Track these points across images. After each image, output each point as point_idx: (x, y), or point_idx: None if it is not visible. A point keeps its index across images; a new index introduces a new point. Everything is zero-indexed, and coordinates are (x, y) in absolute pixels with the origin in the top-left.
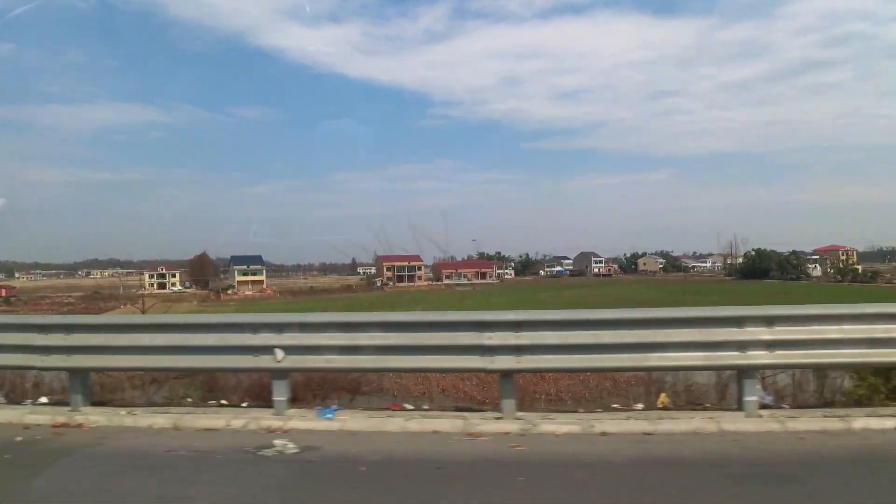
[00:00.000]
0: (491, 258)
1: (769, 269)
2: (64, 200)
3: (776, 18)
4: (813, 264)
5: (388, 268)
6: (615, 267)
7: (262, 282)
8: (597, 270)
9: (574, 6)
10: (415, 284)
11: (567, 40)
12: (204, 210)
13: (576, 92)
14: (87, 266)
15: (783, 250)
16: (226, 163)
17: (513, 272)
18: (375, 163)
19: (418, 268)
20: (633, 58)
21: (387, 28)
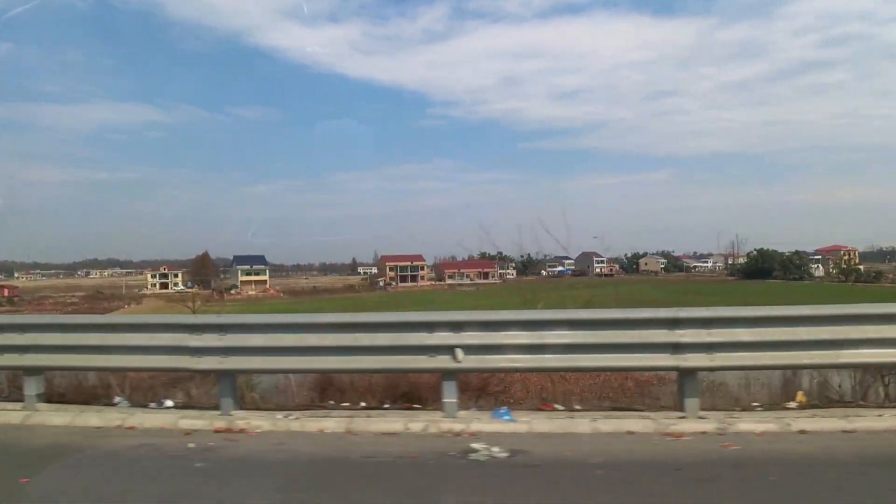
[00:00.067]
0: (492, 258)
1: (772, 270)
2: (63, 200)
3: (775, 18)
4: (815, 264)
5: (391, 267)
6: (616, 267)
7: (266, 281)
8: (598, 270)
9: (573, 6)
10: (418, 284)
11: (566, 40)
12: (203, 210)
13: (575, 92)
14: (87, 266)
15: (783, 250)
16: (225, 163)
17: (514, 272)
18: (375, 163)
19: (421, 267)
20: (633, 58)
21: (386, 28)
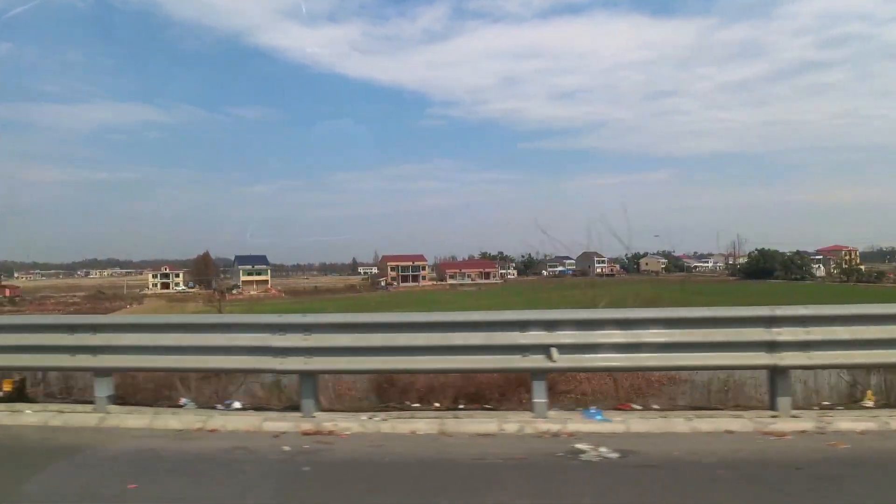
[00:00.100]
0: (493, 258)
1: (773, 269)
2: (63, 200)
3: (775, 19)
4: (816, 264)
5: (393, 267)
6: (617, 267)
7: (267, 281)
8: (599, 270)
9: (573, 6)
10: (419, 284)
11: (566, 40)
12: (203, 210)
13: (575, 92)
14: (86, 266)
15: (783, 250)
16: (225, 163)
17: (515, 272)
18: (375, 163)
19: (422, 268)
20: (633, 58)
21: (386, 28)
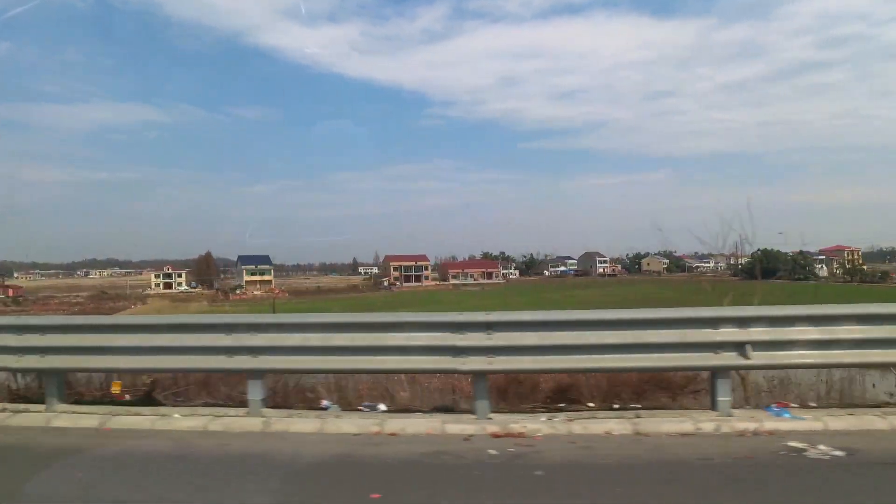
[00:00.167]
0: (495, 258)
1: (776, 270)
2: (62, 200)
3: (774, 19)
4: (819, 264)
5: (396, 267)
6: (618, 267)
7: (270, 281)
8: (601, 270)
9: (572, 6)
10: (422, 284)
11: (566, 40)
12: (203, 210)
13: (575, 92)
14: (86, 266)
15: (785, 250)
16: (225, 163)
17: (517, 272)
18: (374, 163)
19: (425, 268)
20: (632, 58)
21: (385, 28)
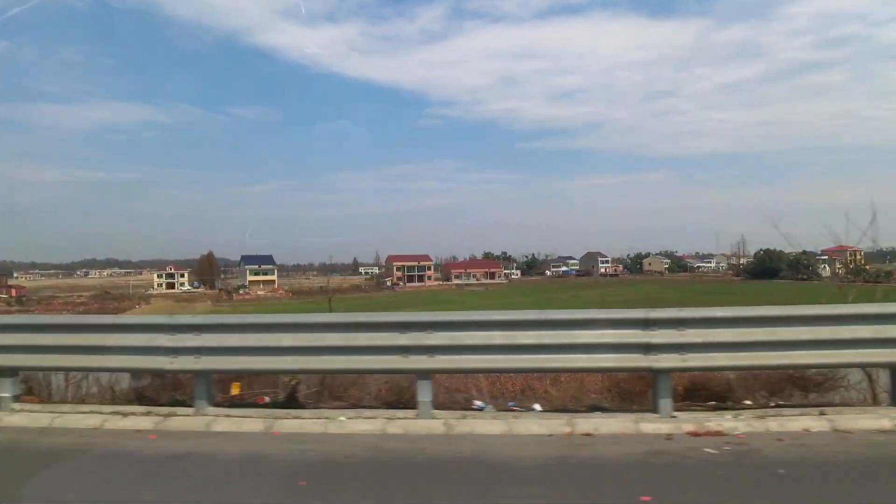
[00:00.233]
0: (497, 258)
1: (779, 270)
2: (61, 200)
3: (772, 20)
4: (822, 265)
5: (398, 267)
6: (620, 267)
7: (274, 281)
8: (603, 270)
9: (571, 6)
10: (425, 284)
11: (565, 40)
12: (202, 210)
13: (573, 92)
14: (85, 266)
15: (785, 250)
16: (224, 163)
17: (518, 272)
18: (374, 163)
19: (427, 268)
20: (631, 58)
21: (384, 28)
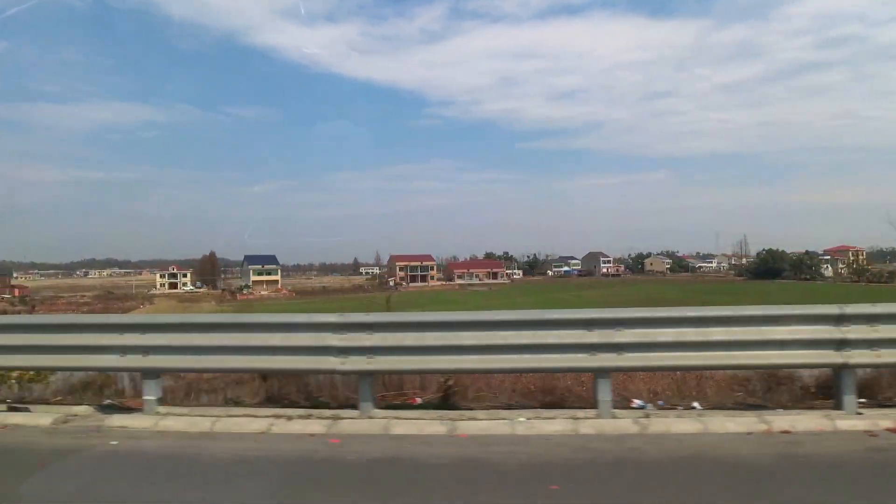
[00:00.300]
0: (499, 258)
1: (781, 270)
2: (61, 200)
3: (772, 20)
4: (824, 265)
5: (401, 267)
6: (622, 267)
7: (277, 281)
8: (605, 270)
9: (571, 7)
10: (428, 284)
11: (564, 41)
12: (202, 210)
13: (573, 92)
14: (85, 266)
15: (787, 250)
16: (223, 163)
17: (520, 272)
18: (373, 163)
19: (430, 268)
20: (630, 58)
21: (384, 28)
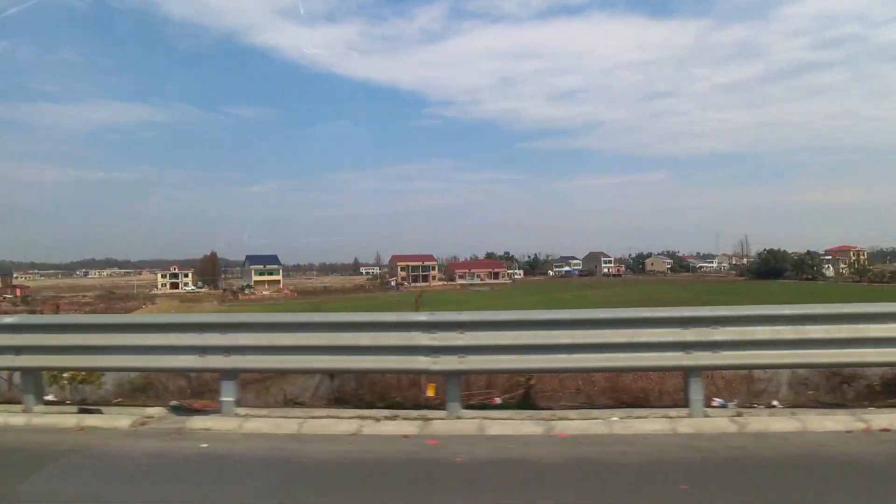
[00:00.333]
0: (500, 258)
1: (783, 270)
2: (61, 200)
3: (771, 20)
4: (826, 265)
5: (403, 267)
6: (623, 267)
7: (279, 281)
8: (606, 270)
9: (571, 7)
10: (429, 284)
11: (564, 41)
12: (202, 210)
13: (573, 92)
14: (84, 266)
15: (787, 250)
16: (223, 163)
17: (521, 272)
18: (373, 163)
19: (432, 268)
20: (630, 58)
21: (384, 28)
